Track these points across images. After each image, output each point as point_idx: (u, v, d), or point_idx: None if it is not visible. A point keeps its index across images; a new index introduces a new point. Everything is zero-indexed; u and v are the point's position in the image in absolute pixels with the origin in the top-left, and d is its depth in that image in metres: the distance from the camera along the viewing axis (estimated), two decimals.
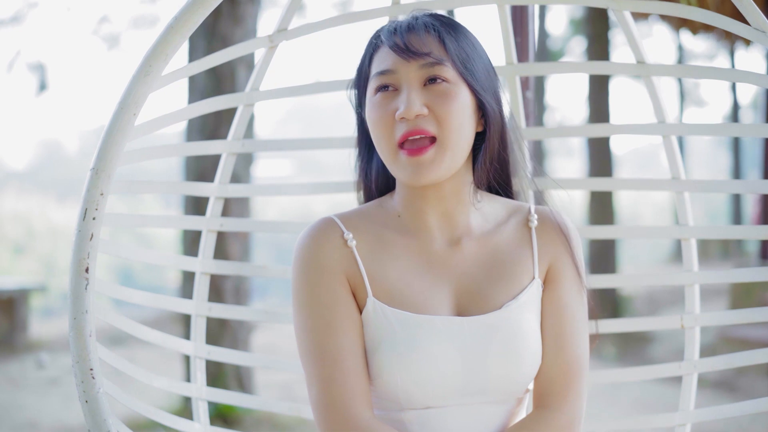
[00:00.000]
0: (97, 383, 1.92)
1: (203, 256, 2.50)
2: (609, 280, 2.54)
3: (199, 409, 2.46)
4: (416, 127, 1.87)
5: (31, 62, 16.58)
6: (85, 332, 1.92)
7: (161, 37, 1.95)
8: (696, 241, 2.39)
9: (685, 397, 2.39)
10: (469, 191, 2.01)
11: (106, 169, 1.95)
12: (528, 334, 1.93)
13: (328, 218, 2.00)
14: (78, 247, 1.94)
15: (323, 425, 1.87)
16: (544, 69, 2.57)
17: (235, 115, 2.50)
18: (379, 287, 1.95)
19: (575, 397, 1.96)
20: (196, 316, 2.49)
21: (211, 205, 2.51)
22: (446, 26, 1.95)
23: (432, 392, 1.88)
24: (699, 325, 2.40)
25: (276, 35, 2.44)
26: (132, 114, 1.96)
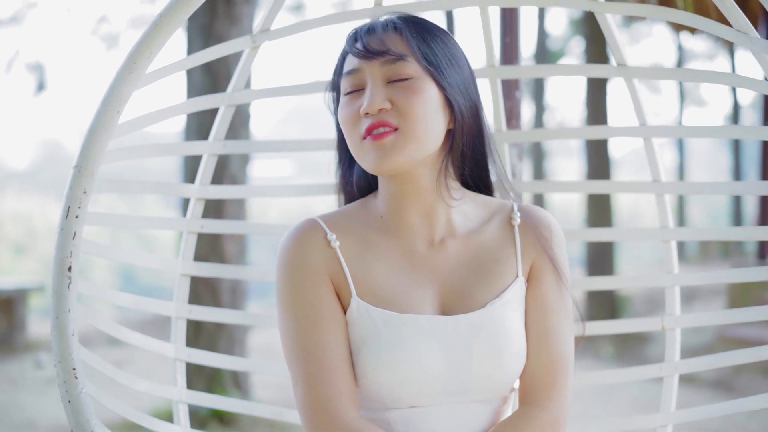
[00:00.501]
0: (80, 383, 1.92)
1: (183, 258, 2.49)
2: (590, 283, 2.56)
3: (180, 412, 2.46)
4: (379, 120, 1.89)
5: (29, 62, 16.57)
6: (67, 332, 1.92)
7: (145, 35, 1.96)
8: (696, 242, 2.40)
9: (666, 398, 2.40)
10: (449, 189, 2.01)
11: (89, 167, 1.95)
12: (512, 333, 1.94)
13: (311, 219, 2.01)
14: (60, 246, 1.94)
15: (309, 425, 1.88)
16: (524, 72, 2.57)
17: (217, 116, 2.50)
18: (363, 287, 1.96)
19: (560, 394, 1.97)
20: (176, 319, 2.48)
21: (191, 206, 2.50)
22: (411, 24, 1.97)
23: (417, 391, 1.89)
24: (680, 327, 2.41)
25: (258, 35, 2.44)
26: (116, 112, 1.96)
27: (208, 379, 6.32)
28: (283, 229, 2.50)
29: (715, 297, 12.24)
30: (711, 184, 2.36)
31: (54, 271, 1.94)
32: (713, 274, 2.34)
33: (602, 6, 2.35)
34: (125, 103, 1.98)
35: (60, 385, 1.93)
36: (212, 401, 2.55)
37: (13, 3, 17.18)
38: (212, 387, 6.31)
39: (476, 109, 2.03)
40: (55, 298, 1.94)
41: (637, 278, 2.54)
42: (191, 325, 6.44)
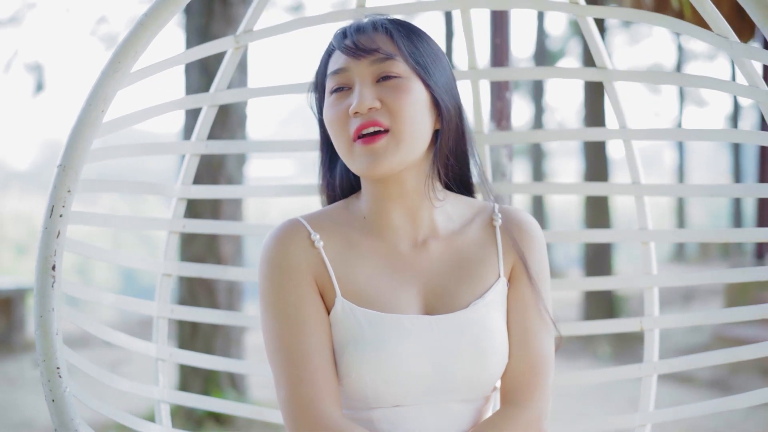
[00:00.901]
0: (64, 382, 1.94)
1: (165, 258, 2.50)
2: (569, 284, 2.58)
3: (161, 412, 2.46)
4: (369, 120, 1.90)
5: (28, 62, 16.55)
6: (51, 330, 1.94)
7: (130, 35, 1.99)
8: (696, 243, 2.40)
9: (644, 397, 2.42)
10: (432, 190, 2.03)
11: (74, 166, 1.97)
12: (494, 333, 1.96)
13: (294, 220, 2.01)
14: (44, 245, 1.96)
15: (292, 425, 1.89)
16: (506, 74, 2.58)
17: (200, 116, 2.51)
18: (348, 287, 1.97)
19: (541, 393, 1.99)
20: (157, 318, 2.49)
21: (173, 206, 2.51)
22: (398, 25, 1.99)
23: (401, 391, 1.91)
24: (658, 328, 2.43)
25: (242, 36, 2.45)
26: (100, 111, 1.99)
27: (203, 380, 6.33)
28: (267, 229, 2.51)
29: (713, 297, 12.24)
30: (689, 187, 2.39)
31: (37, 270, 1.96)
32: (691, 275, 2.37)
33: (583, 9, 2.37)
34: (110, 102, 2.00)
35: (44, 384, 1.94)
36: (194, 401, 2.56)
37: (13, 3, 17.18)
38: (208, 387, 6.32)
39: (459, 110, 2.05)
40: (39, 297, 1.95)
41: (615, 280, 2.56)
42: (187, 326, 6.45)
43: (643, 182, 2.45)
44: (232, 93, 2.50)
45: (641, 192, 2.43)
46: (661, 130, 2.43)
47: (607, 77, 2.44)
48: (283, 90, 2.54)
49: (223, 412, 2.55)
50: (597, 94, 11.55)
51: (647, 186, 2.42)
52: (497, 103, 2.77)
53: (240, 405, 2.56)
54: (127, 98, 2.37)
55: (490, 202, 2.13)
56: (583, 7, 2.36)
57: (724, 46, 2.09)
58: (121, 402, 6.81)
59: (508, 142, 2.59)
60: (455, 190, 2.15)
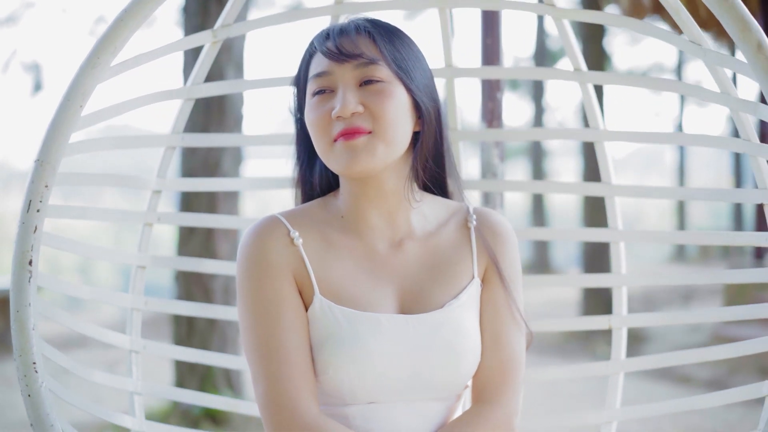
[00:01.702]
0: (40, 377, 1.94)
1: (140, 249, 2.49)
2: (541, 281, 2.61)
3: (135, 404, 2.45)
4: (352, 125, 1.91)
5: (26, 62, 16.28)
6: (28, 325, 1.93)
7: (109, 31, 2.00)
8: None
9: (611, 395, 2.45)
10: (410, 191, 2.05)
11: (51, 161, 1.97)
12: (468, 333, 1.99)
13: (273, 217, 2.02)
14: (21, 240, 1.96)
15: (270, 421, 1.89)
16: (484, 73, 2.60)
17: (176, 110, 2.50)
18: (326, 285, 1.98)
19: (512, 392, 2.03)
20: (131, 310, 2.47)
21: (148, 198, 2.50)
22: (380, 28, 2.00)
23: (376, 388, 1.93)
24: (626, 326, 2.47)
25: (219, 30, 2.44)
26: (78, 106, 1.99)
27: (200, 379, 6.30)
28: (242, 223, 2.51)
29: (712, 297, 12.37)
30: (660, 189, 2.42)
31: (14, 265, 1.96)
32: (663, 276, 2.41)
33: (559, 12, 2.39)
34: (88, 97, 2.00)
35: (20, 380, 1.94)
36: (170, 393, 2.56)
37: (10, 3, 16.90)
38: (204, 387, 6.30)
39: (438, 112, 2.07)
40: (15, 293, 1.95)
41: (585, 279, 2.60)
42: (183, 325, 6.38)
43: (613, 183, 2.48)
44: (207, 86, 2.49)
45: (612, 192, 2.47)
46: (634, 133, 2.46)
47: (582, 78, 2.47)
48: (261, 84, 2.54)
49: (191, 403, 2.55)
50: (596, 94, 11.57)
51: (617, 186, 2.46)
52: (488, 103, 2.78)
53: (213, 397, 2.56)
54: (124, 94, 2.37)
55: (466, 204, 2.16)
56: (560, 10, 2.39)
57: (697, 53, 2.12)
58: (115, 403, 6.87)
59: (479, 139, 2.61)
60: (432, 190, 2.18)
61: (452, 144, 2.53)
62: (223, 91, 2.51)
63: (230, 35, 2.42)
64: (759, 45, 1.82)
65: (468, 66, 2.57)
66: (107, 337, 2.37)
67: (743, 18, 1.82)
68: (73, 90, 1.97)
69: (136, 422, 2.38)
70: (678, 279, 2.39)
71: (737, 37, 1.84)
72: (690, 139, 2.37)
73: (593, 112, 2.48)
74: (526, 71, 2.59)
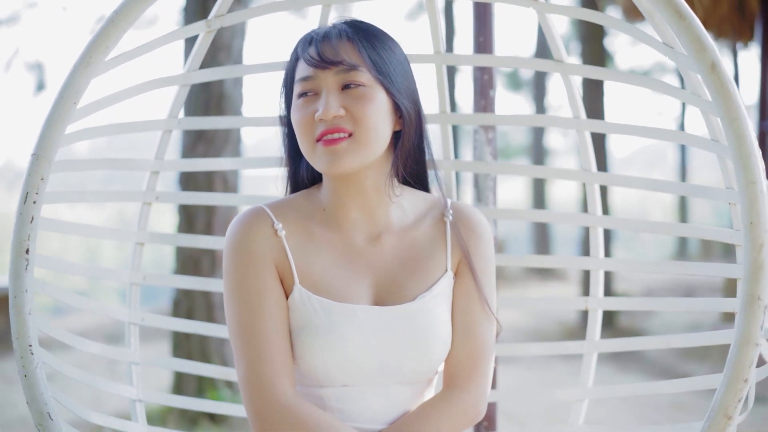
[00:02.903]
0: (36, 358, 2.07)
1: (138, 227, 2.60)
2: (527, 261, 2.68)
3: (133, 374, 2.57)
4: (334, 126, 2.01)
5: (28, 61, 16.15)
6: (24, 310, 2.07)
7: (101, 31, 2.09)
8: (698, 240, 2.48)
9: (584, 373, 2.54)
10: (389, 187, 2.14)
11: (47, 155, 2.09)
12: (438, 324, 2.10)
13: (259, 208, 2.12)
14: (19, 230, 2.08)
15: (248, 400, 2.03)
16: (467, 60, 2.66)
17: (173, 96, 2.58)
18: (305, 276, 2.09)
19: (481, 379, 2.15)
20: (130, 285, 2.58)
21: (147, 179, 2.60)
22: (362, 32, 2.08)
23: (349, 373, 2.05)
24: (601, 309, 2.54)
25: (213, 20, 2.51)
26: (72, 103, 2.10)
27: (198, 380, 6.36)
28: (249, 201, 2.61)
29: (712, 294, 12.24)
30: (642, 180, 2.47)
31: (12, 253, 2.09)
32: (636, 261, 2.50)
33: (543, 6, 2.44)
34: (82, 94, 2.11)
35: (17, 360, 2.07)
36: (168, 364, 2.67)
37: (13, 2, 16.76)
38: (203, 388, 6.37)
39: (419, 111, 2.15)
40: (13, 279, 2.08)
41: (564, 260, 2.68)
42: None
43: (593, 171, 2.54)
44: (203, 73, 2.57)
45: (592, 180, 2.53)
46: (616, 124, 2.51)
47: (564, 70, 2.51)
48: (256, 69, 2.62)
49: (188, 408, 2.66)
50: (596, 92, 11.36)
51: (596, 174, 2.52)
52: (481, 101, 2.83)
53: (208, 402, 2.69)
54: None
55: (445, 198, 2.25)
56: (544, 5, 2.43)
57: (670, 55, 2.15)
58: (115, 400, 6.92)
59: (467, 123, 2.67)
60: (412, 185, 2.27)
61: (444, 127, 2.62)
62: (218, 76, 2.58)
63: (224, 24, 2.48)
64: (713, 65, 1.86)
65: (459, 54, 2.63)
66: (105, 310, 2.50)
67: (699, 38, 1.86)
68: (67, 88, 2.10)
69: (134, 391, 2.51)
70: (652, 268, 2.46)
71: (693, 56, 1.87)
72: (668, 135, 2.42)
73: (575, 102, 2.53)
74: (514, 60, 2.62)
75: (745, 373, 1.83)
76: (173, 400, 2.63)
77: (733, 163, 1.87)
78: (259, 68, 2.60)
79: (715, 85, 1.86)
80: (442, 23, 2.62)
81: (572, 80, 2.54)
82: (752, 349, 1.82)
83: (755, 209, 1.80)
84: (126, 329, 2.58)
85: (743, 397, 1.86)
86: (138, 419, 2.52)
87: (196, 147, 6.36)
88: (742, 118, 1.84)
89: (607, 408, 6.73)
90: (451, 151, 2.67)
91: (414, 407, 2.14)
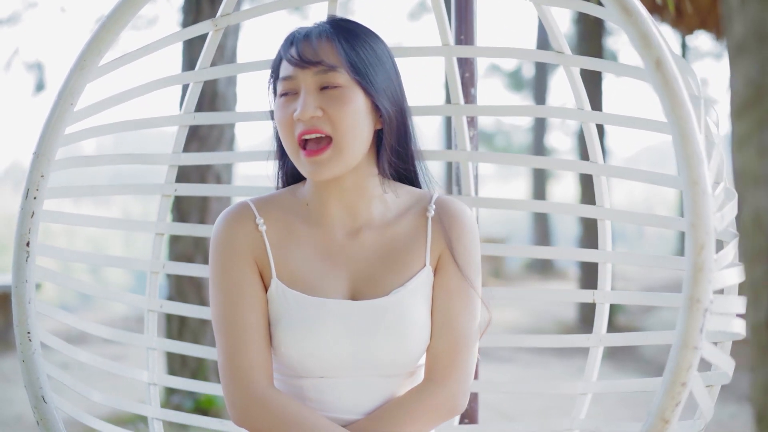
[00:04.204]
0: (33, 345, 2.23)
1: (158, 219, 2.69)
2: (532, 251, 2.67)
3: (149, 359, 2.68)
4: (312, 127, 2.05)
5: (28, 61, 16.30)
6: (24, 299, 2.23)
7: (95, 35, 2.21)
8: None
9: (590, 367, 2.51)
10: (372, 184, 2.18)
11: (46, 154, 2.23)
12: (414, 319, 2.12)
13: (244, 203, 2.20)
14: (21, 224, 2.24)
15: (226, 390, 2.12)
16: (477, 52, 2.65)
17: (187, 92, 2.67)
18: (283, 270, 2.15)
19: (460, 372, 2.16)
20: (150, 273, 2.67)
21: (165, 172, 2.69)
22: (343, 32, 2.11)
23: (324, 365, 2.11)
24: (608, 302, 2.50)
25: (220, 19, 2.57)
26: (69, 104, 2.23)
27: (191, 373, 6.43)
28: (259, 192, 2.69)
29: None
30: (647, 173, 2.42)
31: (15, 246, 2.25)
32: (642, 255, 2.45)
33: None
34: (78, 95, 2.25)
35: (18, 346, 2.25)
36: (183, 348, 2.76)
37: (12, 2, 16.99)
38: (197, 377, 6.42)
39: (402, 110, 2.18)
40: (15, 270, 2.25)
41: (572, 252, 2.64)
42: (175, 322, 6.48)
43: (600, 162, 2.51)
44: (215, 70, 2.63)
45: (599, 171, 2.49)
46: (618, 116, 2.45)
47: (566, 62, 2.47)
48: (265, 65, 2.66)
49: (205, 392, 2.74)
50: (596, 89, 10.91)
51: (604, 166, 2.47)
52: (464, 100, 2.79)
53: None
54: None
55: (431, 193, 2.27)
56: None
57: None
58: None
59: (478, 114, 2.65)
60: (399, 179, 2.29)
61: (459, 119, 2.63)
62: (229, 73, 2.66)
63: (230, 23, 2.55)
64: (658, 62, 1.80)
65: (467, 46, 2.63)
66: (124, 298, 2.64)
67: (645, 34, 1.81)
68: (64, 90, 2.23)
69: (153, 410, 2.62)
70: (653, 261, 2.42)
71: (639, 52, 1.84)
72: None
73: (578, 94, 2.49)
74: (515, 52, 2.59)
75: (683, 377, 1.79)
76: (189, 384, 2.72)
77: (677, 163, 1.83)
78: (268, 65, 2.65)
79: (660, 82, 1.81)
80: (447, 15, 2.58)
81: (574, 72, 2.49)
82: (690, 352, 1.78)
83: (697, 210, 1.74)
84: (145, 316, 2.68)
85: (681, 401, 1.82)
86: (152, 402, 2.62)
87: (189, 145, 6.35)
88: (686, 116, 1.79)
89: (603, 406, 6.70)
90: (467, 143, 2.67)
91: (392, 400, 2.17)
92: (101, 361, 2.53)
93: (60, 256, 2.50)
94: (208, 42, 2.60)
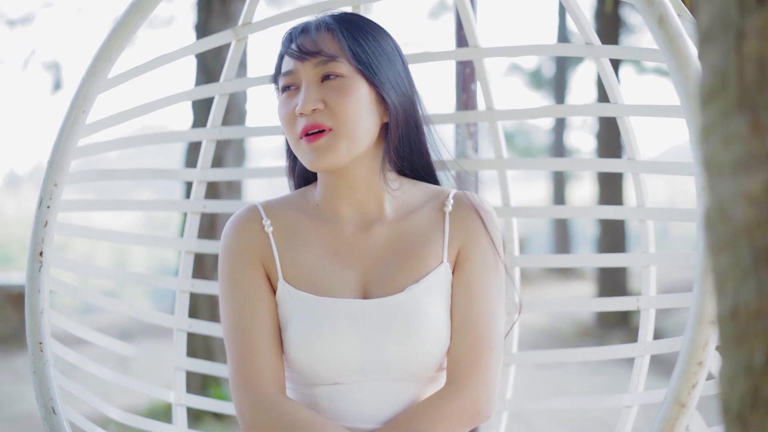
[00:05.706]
0: (45, 355, 2.18)
1: (188, 236, 2.65)
2: (564, 261, 2.55)
3: (178, 340, 2.63)
4: (313, 121, 1.99)
5: (45, 61, 16.32)
6: (37, 309, 2.19)
7: (105, 42, 2.22)
8: None
9: (635, 378, 2.33)
10: (384, 179, 2.10)
11: (60, 163, 2.22)
12: (430, 317, 2.01)
13: (252, 206, 2.15)
14: (34, 233, 2.22)
15: (235, 399, 2.03)
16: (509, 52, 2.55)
17: (213, 105, 2.64)
18: (290, 271, 2.08)
19: (482, 374, 2.02)
20: (179, 292, 2.63)
21: (194, 188, 2.65)
22: (343, 23, 2.06)
23: (335, 370, 2.01)
24: (653, 308, 2.35)
25: (240, 29, 2.55)
26: (82, 112, 2.23)
27: (201, 377, 6.39)
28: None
29: None
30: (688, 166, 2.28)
31: (29, 255, 2.22)
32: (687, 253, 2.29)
33: None
34: (91, 104, 2.24)
35: (29, 356, 2.20)
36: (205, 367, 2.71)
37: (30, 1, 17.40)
38: (206, 383, 6.42)
39: (411, 102, 2.10)
40: (28, 280, 2.21)
41: (613, 258, 2.51)
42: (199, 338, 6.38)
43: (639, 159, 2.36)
44: (242, 81, 2.60)
45: (637, 169, 2.35)
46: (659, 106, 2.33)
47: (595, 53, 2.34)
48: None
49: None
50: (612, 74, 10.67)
51: (643, 163, 2.33)
52: (462, 95, 2.75)
53: None
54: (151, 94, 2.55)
55: (450, 188, 2.18)
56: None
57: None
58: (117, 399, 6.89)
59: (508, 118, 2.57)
60: (416, 177, 2.21)
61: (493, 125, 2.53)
62: (251, 85, 2.61)
63: (252, 32, 2.52)
64: (661, 18, 1.73)
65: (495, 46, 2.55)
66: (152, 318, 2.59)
67: None
68: (77, 98, 2.23)
69: (178, 395, 2.57)
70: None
71: (642, 12, 1.76)
72: None
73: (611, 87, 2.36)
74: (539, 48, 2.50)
75: (699, 356, 1.66)
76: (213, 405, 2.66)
77: (686, 124, 1.71)
78: None
79: (664, 39, 1.73)
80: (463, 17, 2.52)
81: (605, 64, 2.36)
82: (706, 328, 1.64)
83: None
84: (174, 335, 2.63)
85: (698, 382, 1.68)
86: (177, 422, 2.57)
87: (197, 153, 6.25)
88: (693, 75, 1.69)
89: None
90: (503, 148, 2.56)
91: (410, 406, 2.05)
92: (123, 379, 2.49)
93: (80, 272, 2.47)
94: (231, 53, 2.58)
